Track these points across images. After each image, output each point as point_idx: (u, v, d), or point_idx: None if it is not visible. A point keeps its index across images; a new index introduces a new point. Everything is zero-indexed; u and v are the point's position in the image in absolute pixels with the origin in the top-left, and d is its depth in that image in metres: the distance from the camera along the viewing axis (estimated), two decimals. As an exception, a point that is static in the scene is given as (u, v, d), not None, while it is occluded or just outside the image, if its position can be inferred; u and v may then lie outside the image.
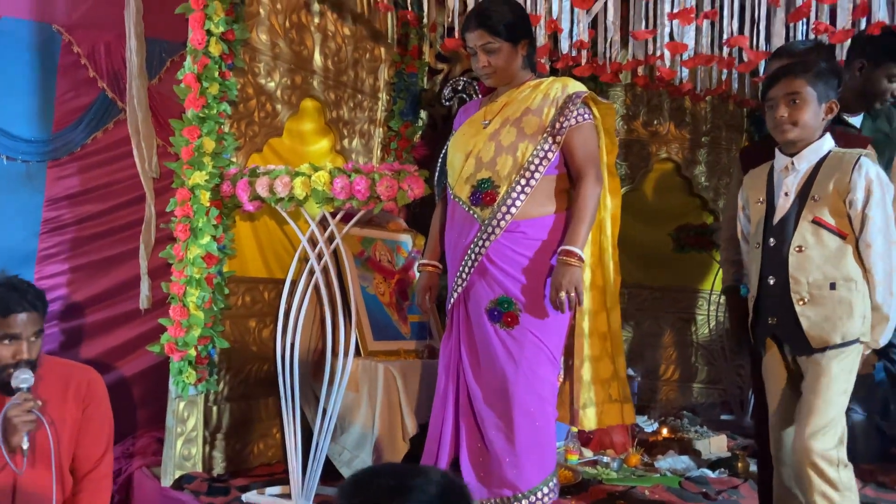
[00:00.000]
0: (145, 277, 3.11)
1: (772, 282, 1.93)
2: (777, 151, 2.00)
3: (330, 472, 2.60)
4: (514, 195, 2.08)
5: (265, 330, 3.06)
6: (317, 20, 3.22)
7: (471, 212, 2.14)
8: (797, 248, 1.89)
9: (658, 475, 3.05)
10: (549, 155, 2.08)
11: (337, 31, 3.38)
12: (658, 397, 4.49)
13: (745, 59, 2.96)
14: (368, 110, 3.69)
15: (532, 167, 2.08)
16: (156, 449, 2.93)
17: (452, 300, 2.19)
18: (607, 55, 2.86)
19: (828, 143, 1.95)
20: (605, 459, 3.15)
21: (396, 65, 3.78)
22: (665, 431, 3.68)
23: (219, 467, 2.78)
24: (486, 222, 2.11)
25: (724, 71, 3.24)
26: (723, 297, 4.31)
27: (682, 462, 3.18)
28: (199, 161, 2.60)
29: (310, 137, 3.34)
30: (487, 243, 2.10)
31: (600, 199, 2.12)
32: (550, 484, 2.09)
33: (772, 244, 1.94)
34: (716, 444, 3.48)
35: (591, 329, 2.18)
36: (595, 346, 2.19)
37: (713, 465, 3.17)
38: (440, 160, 4.08)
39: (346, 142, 3.50)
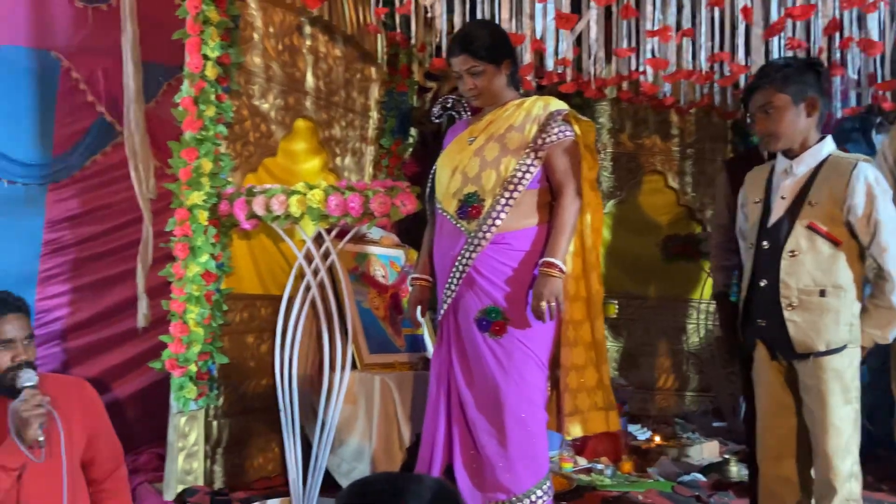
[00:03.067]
0: (143, 296, 3.16)
1: (763, 284, 1.95)
2: (779, 154, 2.00)
3: (329, 484, 2.66)
4: (499, 208, 2.16)
5: (263, 345, 3.11)
6: (308, 42, 3.31)
7: (458, 225, 2.22)
8: (790, 253, 1.89)
9: (651, 480, 3.11)
10: (532, 169, 2.17)
11: (328, 53, 3.47)
12: (651, 406, 4.55)
13: (727, 72, 3.06)
14: (360, 129, 3.77)
15: (515, 181, 2.16)
16: (157, 465, 2.97)
17: (442, 311, 2.26)
18: (591, 72, 2.95)
19: (828, 146, 1.94)
20: (599, 467, 3.21)
21: (386, 84, 3.87)
22: (657, 439, 3.75)
23: (219, 481, 2.83)
24: (472, 234, 2.19)
25: (707, 85, 3.34)
26: (712, 305, 4.41)
27: (674, 468, 3.24)
28: (196, 181, 2.68)
29: (302, 156, 3.42)
30: (474, 255, 2.17)
31: (580, 212, 2.19)
32: (544, 487, 2.15)
33: (765, 246, 1.95)
34: (708, 450, 3.54)
35: (575, 339, 2.24)
36: (580, 356, 2.25)
37: (704, 469, 3.24)
38: (430, 178, 4.16)
39: (338, 160, 3.58)
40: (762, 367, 2.01)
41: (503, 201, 2.16)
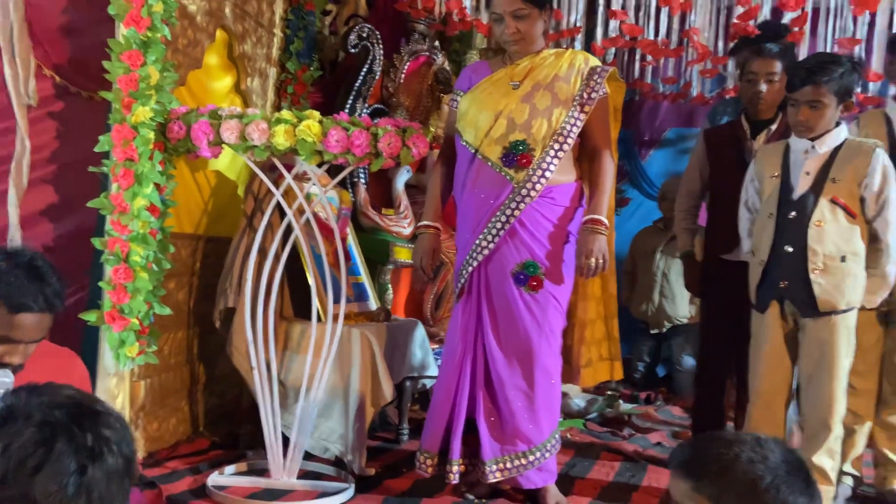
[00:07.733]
0: (17, 229, 2.51)
1: (790, 250, 2.16)
2: (794, 135, 2.21)
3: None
4: (549, 160, 2.11)
5: (180, 292, 2.69)
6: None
7: (502, 173, 2.12)
8: (816, 223, 2.13)
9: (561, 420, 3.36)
10: (578, 123, 2.14)
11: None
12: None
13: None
14: (266, 47, 3.34)
15: (565, 133, 2.12)
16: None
17: (475, 263, 2.15)
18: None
19: (844, 131, 2.19)
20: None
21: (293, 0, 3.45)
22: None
23: (141, 450, 2.42)
24: (520, 185, 2.11)
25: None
26: None
27: (574, 406, 3.53)
28: (143, 94, 2.17)
29: (215, 73, 2.95)
30: (522, 205, 2.10)
31: None
32: (557, 435, 2.22)
33: (792, 217, 2.17)
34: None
35: (590, 293, 2.33)
36: (591, 310, 2.35)
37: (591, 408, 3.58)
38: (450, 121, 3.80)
39: (249, 80, 3.15)
40: (771, 323, 2.25)
41: (552, 153, 2.11)
